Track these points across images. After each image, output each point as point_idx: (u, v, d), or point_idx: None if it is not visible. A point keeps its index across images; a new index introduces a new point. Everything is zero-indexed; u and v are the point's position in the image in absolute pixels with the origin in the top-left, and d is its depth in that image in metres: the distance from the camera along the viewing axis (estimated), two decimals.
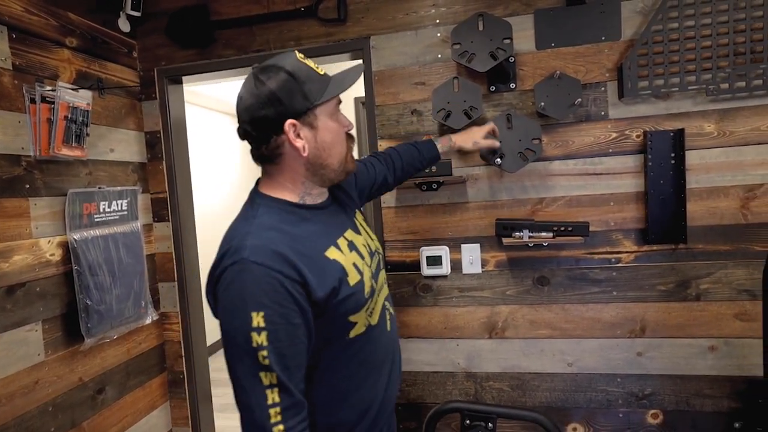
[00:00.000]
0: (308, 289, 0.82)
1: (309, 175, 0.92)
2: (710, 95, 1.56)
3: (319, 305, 0.84)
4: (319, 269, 0.85)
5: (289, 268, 0.81)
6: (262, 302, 0.79)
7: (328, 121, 0.90)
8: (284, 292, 0.80)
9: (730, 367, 1.61)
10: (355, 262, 0.93)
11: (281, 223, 0.88)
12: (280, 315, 0.80)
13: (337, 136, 0.92)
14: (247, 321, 0.78)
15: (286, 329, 0.80)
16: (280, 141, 0.88)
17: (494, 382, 1.78)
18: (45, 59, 1.56)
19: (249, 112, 0.87)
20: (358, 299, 0.90)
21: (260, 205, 0.91)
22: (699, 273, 1.62)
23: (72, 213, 1.61)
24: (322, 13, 1.79)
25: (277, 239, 0.84)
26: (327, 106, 0.90)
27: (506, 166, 1.61)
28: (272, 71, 0.86)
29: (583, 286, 1.69)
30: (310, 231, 0.90)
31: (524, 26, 1.67)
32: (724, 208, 1.59)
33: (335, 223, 0.98)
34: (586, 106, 1.65)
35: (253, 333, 0.78)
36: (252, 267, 0.80)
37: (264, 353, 0.78)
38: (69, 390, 1.60)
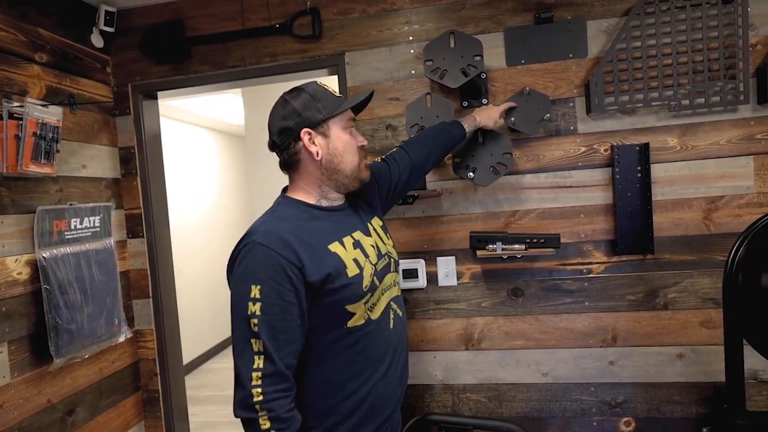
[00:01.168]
0: (304, 272, 0.96)
1: (324, 178, 1.08)
2: (672, 111, 1.62)
3: (314, 288, 0.97)
4: (318, 257, 0.99)
5: (289, 252, 0.95)
6: (261, 277, 0.93)
7: (341, 132, 1.07)
8: (281, 272, 0.94)
9: (698, 373, 1.66)
10: (357, 258, 1.05)
11: (294, 218, 1.04)
12: (276, 291, 0.93)
13: (348, 145, 1.08)
14: (247, 292, 0.93)
15: (279, 305, 0.93)
16: (297, 147, 1.06)
17: (471, 393, 1.79)
18: (13, 75, 1.54)
19: (276, 124, 1.07)
20: (355, 290, 1.01)
21: (280, 203, 1.09)
22: (666, 282, 1.67)
23: (41, 230, 1.58)
24: (296, 29, 1.81)
25: (285, 228, 0.99)
26: (339, 120, 1.07)
27: (478, 179, 1.64)
28: (296, 92, 1.07)
29: (556, 296, 1.73)
30: (319, 227, 1.05)
31: (495, 43, 1.72)
32: (688, 220, 1.65)
33: (346, 223, 1.11)
34: (555, 121, 1.70)
35: (249, 302, 0.93)
36: (257, 248, 0.95)
37: (255, 321, 0.92)
38: (36, 413, 1.56)
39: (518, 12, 1.70)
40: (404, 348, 1.16)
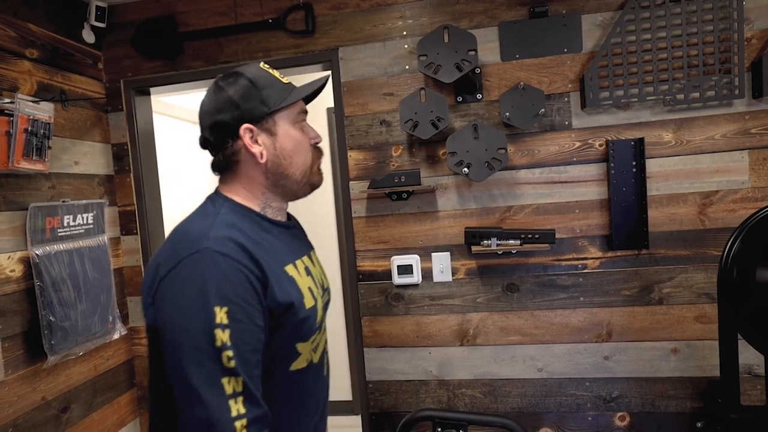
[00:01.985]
0: (268, 292, 0.76)
1: (269, 185, 0.88)
2: (667, 105, 1.61)
3: (275, 316, 0.77)
4: (279, 278, 0.79)
5: (253, 263, 0.75)
6: (227, 296, 0.71)
7: (290, 128, 0.88)
8: (250, 288, 0.73)
9: (692, 368, 1.66)
10: (311, 287, 0.88)
11: (244, 227, 0.82)
12: (246, 314, 0.72)
13: (300, 145, 0.89)
14: (210, 317, 0.70)
15: (251, 331, 0.72)
16: (236, 146, 0.85)
17: (466, 389, 1.79)
18: (3, 71, 1.52)
19: (207, 117, 0.86)
20: (311, 325, 0.84)
21: (223, 205, 0.85)
22: (661, 277, 1.66)
23: (33, 227, 1.57)
24: (290, 25, 1.80)
25: (240, 236, 0.78)
26: (288, 113, 0.87)
27: (473, 175, 1.63)
28: (232, 78, 0.86)
29: (551, 292, 1.73)
30: (271, 243, 0.85)
31: (489, 38, 1.71)
32: (683, 215, 1.64)
33: (294, 245, 0.93)
34: (550, 116, 1.69)
35: (217, 330, 0.69)
36: (216, 257, 0.73)
37: (229, 353, 0.69)
38: (31, 410, 1.55)
39: (512, 6, 1.69)
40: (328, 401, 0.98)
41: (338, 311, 3.00)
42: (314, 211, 2.99)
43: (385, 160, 1.79)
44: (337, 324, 3.00)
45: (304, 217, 3.40)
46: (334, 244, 2.98)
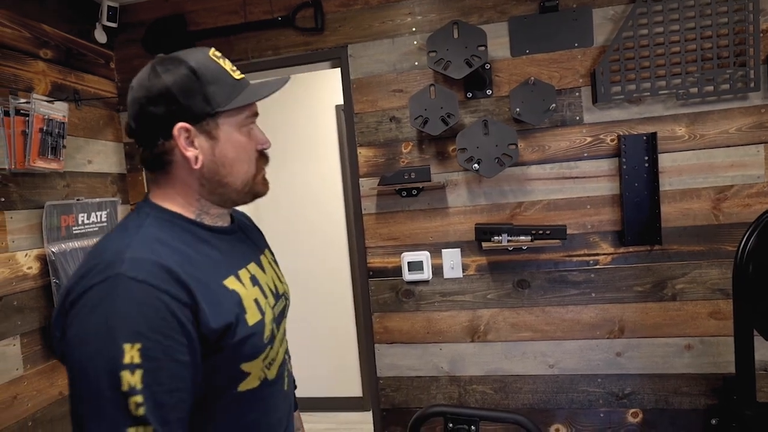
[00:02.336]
0: (200, 318, 0.66)
1: (205, 192, 0.77)
2: (680, 99, 1.59)
3: (210, 342, 0.68)
4: (214, 298, 0.70)
5: (178, 288, 0.65)
6: (139, 331, 0.61)
7: (235, 133, 0.76)
8: (171, 319, 0.63)
9: (706, 365, 1.64)
10: (258, 299, 0.78)
11: (173, 239, 0.72)
12: (164, 349, 0.62)
13: (244, 152, 0.77)
14: (117, 356, 0.59)
15: (169, 369, 0.62)
16: (167, 147, 0.73)
17: (477, 385, 1.80)
18: (19, 71, 1.55)
19: (135, 105, 0.73)
20: (256, 344, 0.74)
21: (149, 215, 0.74)
22: (674, 273, 1.65)
23: (49, 225, 1.60)
24: (299, 22, 1.80)
25: (165, 254, 0.68)
26: (236, 116, 0.75)
27: (483, 171, 1.63)
28: (172, 64, 0.72)
29: (562, 288, 1.72)
30: (208, 255, 0.75)
31: (499, 33, 1.70)
32: (696, 210, 1.62)
33: (238, 252, 0.82)
34: (560, 111, 1.68)
35: (124, 372, 0.59)
36: (130, 285, 0.62)
37: (137, 399, 0.59)
38: (49, 404, 1.58)
39: (522, 1, 1.68)
40: (292, 416, 0.91)
41: (348, 308, 3.01)
42: (323, 208, 3.00)
43: (395, 156, 1.79)
44: (347, 320, 3.01)
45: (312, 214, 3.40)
46: (344, 240, 2.99)
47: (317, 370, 3.03)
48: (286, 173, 3.02)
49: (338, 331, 3.02)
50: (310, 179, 3.00)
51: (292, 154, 3.00)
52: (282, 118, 3.00)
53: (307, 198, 3.01)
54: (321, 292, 3.02)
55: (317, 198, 3.00)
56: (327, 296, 3.02)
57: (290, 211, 3.04)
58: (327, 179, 2.98)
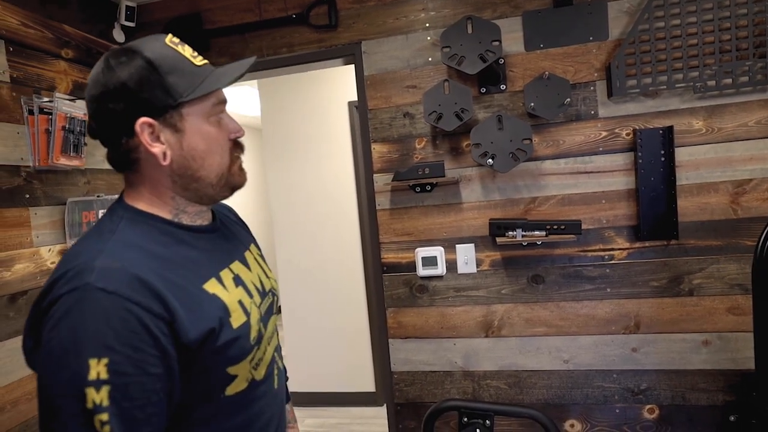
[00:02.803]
0: (176, 329, 0.63)
1: (178, 189, 0.72)
2: (698, 92, 1.58)
3: (190, 351, 0.64)
4: (193, 304, 0.66)
5: (151, 298, 0.61)
6: (108, 344, 0.58)
7: (203, 124, 0.71)
8: (142, 331, 0.60)
9: (724, 361, 1.63)
10: (242, 300, 0.74)
11: (149, 243, 0.68)
12: (134, 363, 0.59)
13: (215, 143, 0.72)
14: (82, 372, 0.56)
15: (140, 383, 0.59)
16: (132, 144, 0.69)
17: (492, 380, 1.80)
18: (42, 71, 1.59)
19: (93, 104, 0.69)
20: (243, 346, 0.71)
21: (123, 218, 0.70)
22: (691, 268, 1.63)
23: (71, 221, 1.64)
24: (313, 19, 1.82)
25: (139, 261, 0.64)
26: (201, 105, 0.70)
27: (498, 166, 1.63)
28: (126, 56, 0.67)
29: (577, 283, 1.71)
30: (187, 257, 0.71)
31: (513, 28, 1.69)
32: (714, 204, 1.61)
33: (220, 251, 0.78)
34: (575, 105, 1.67)
35: (89, 389, 0.56)
36: (98, 296, 0.59)
37: (103, 418, 0.56)
38: None
39: None
40: (284, 413, 0.87)
41: (360, 303, 3.03)
42: (335, 204, 3.02)
43: (409, 152, 1.80)
44: (360, 316, 3.03)
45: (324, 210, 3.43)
46: (356, 236, 3.00)
47: (330, 365, 3.05)
48: (299, 170, 3.04)
49: (351, 326, 3.04)
50: (323, 176, 3.02)
51: (304, 151, 3.03)
52: (295, 116, 3.03)
53: (320, 194, 3.03)
54: (333, 288, 3.04)
55: (330, 194, 3.02)
56: (339, 292, 3.04)
57: (303, 207, 3.06)
58: (339, 176, 3.00)
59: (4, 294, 1.41)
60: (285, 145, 3.04)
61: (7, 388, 1.39)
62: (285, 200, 3.09)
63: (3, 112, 1.45)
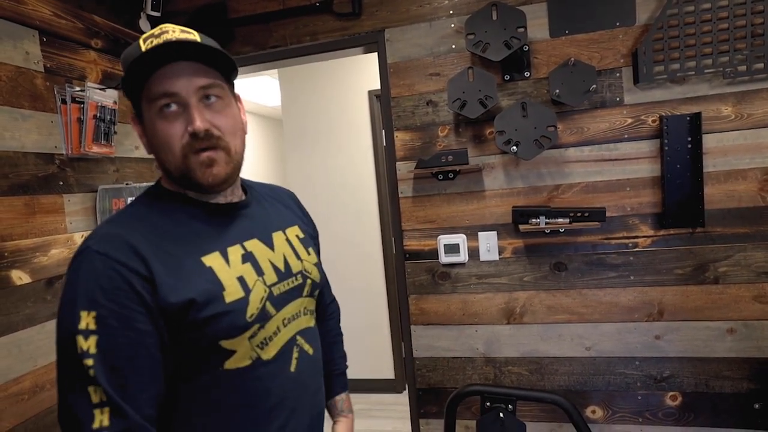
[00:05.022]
0: (156, 289, 0.67)
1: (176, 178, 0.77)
2: (727, 78, 1.55)
3: (171, 315, 0.68)
4: (181, 272, 0.70)
5: (136, 260, 0.67)
6: (95, 299, 0.65)
7: (154, 117, 0.73)
8: (128, 289, 0.66)
9: (750, 349, 1.62)
10: (243, 276, 0.76)
11: (158, 217, 0.75)
12: (118, 317, 0.65)
13: (164, 137, 0.72)
14: (74, 321, 0.64)
15: (125, 336, 0.65)
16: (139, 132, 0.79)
17: (513, 366, 1.82)
18: (73, 61, 1.62)
19: None
20: (234, 321, 0.72)
21: (148, 194, 0.79)
22: (717, 256, 1.62)
23: (102, 208, 1.68)
24: (336, 7, 1.82)
25: (136, 230, 0.71)
26: (145, 97, 0.73)
27: (522, 153, 1.63)
28: None
29: (600, 271, 1.71)
30: (194, 231, 0.75)
31: (538, 14, 1.68)
32: (742, 191, 1.59)
33: (238, 227, 0.81)
34: (600, 92, 1.66)
35: (78, 336, 0.64)
36: (93, 257, 0.66)
37: (89, 362, 0.63)
38: None
39: None
40: (314, 400, 0.86)
41: (380, 291, 3.06)
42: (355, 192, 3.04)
43: (432, 140, 1.81)
44: (380, 303, 3.06)
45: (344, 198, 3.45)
46: (376, 224, 3.03)
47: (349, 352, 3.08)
48: (319, 160, 3.06)
49: (370, 313, 3.08)
50: (343, 165, 3.04)
51: (325, 141, 3.05)
52: (315, 106, 3.04)
53: (340, 184, 3.05)
54: (353, 276, 3.08)
55: (350, 183, 3.04)
56: (359, 280, 3.07)
57: (323, 196, 3.09)
58: (359, 165, 3.02)
59: (42, 278, 1.46)
60: (305, 135, 3.06)
61: (47, 368, 1.45)
62: (305, 189, 3.11)
63: (38, 101, 1.48)
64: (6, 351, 1.34)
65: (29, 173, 1.44)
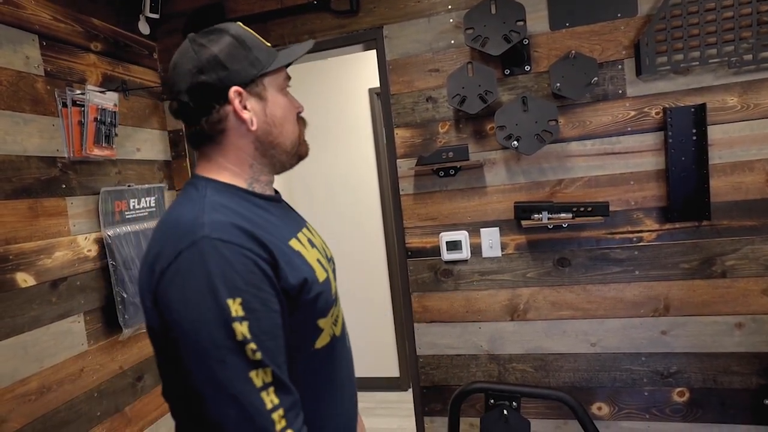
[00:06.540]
0: (279, 274, 0.70)
1: (258, 156, 0.80)
2: (733, 68, 1.52)
3: (291, 298, 0.72)
4: (286, 256, 0.73)
5: (258, 246, 0.69)
6: (237, 286, 0.65)
7: (278, 95, 0.81)
8: (260, 272, 0.68)
9: (759, 343, 1.59)
10: (319, 259, 0.82)
11: (236, 206, 0.75)
12: (261, 301, 0.67)
13: (289, 112, 0.83)
14: (225, 311, 0.64)
15: (269, 318, 0.68)
16: (224, 112, 0.76)
17: (517, 363, 1.80)
18: (73, 64, 1.63)
19: (186, 79, 0.75)
20: (327, 299, 0.79)
21: (206, 186, 0.76)
22: (724, 250, 1.60)
23: (105, 210, 1.69)
24: (334, 5, 1.82)
25: (236, 217, 0.71)
26: (276, 78, 0.81)
27: (523, 148, 1.61)
28: (215, 34, 0.77)
29: (604, 266, 1.69)
30: (268, 219, 0.77)
31: (537, 7, 1.66)
32: (749, 183, 1.56)
33: (289, 218, 0.86)
34: (602, 85, 1.64)
35: (235, 323, 0.64)
36: (217, 245, 0.66)
37: (253, 346, 0.65)
38: (111, 377, 1.69)
39: None
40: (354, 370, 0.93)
41: (384, 288, 3.06)
42: (357, 190, 3.03)
43: (432, 137, 1.79)
44: (383, 301, 3.06)
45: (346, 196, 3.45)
46: (378, 222, 3.02)
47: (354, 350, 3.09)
48: (321, 157, 3.06)
49: (374, 312, 3.08)
50: (345, 163, 3.03)
51: (326, 138, 3.04)
52: (316, 103, 3.04)
53: (342, 181, 3.05)
54: (356, 274, 3.08)
55: (351, 181, 3.03)
56: (362, 277, 3.07)
57: (325, 194, 3.09)
58: (361, 163, 3.01)
59: (47, 280, 1.48)
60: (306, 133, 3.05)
61: (52, 369, 1.46)
62: (307, 188, 3.12)
63: (39, 105, 1.50)
64: (12, 353, 1.35)
65: (32, 177, 1.46)
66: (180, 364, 0.67)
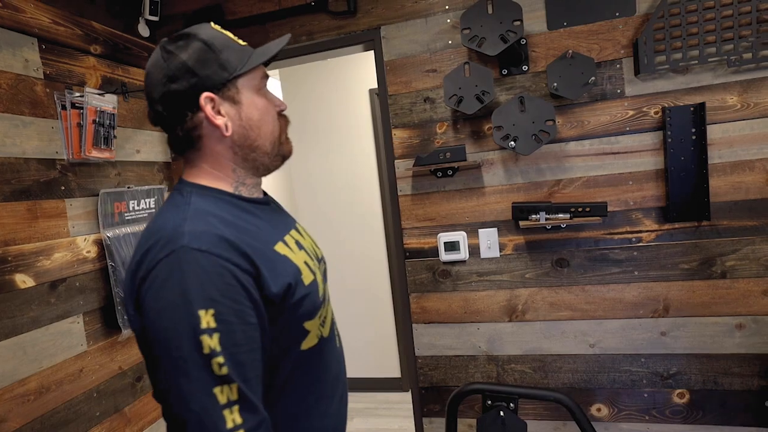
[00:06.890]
0: (261, 283, 0.70)
1: (238, 160, 0.79)
2: (732, 66, 1.51)
3: (275, 304, 0.72)
4: (270, 262, 0.73)
5: (239, 256, 0.68)
6: (211, 297, 0.64)
7: (254, 96, 0.79)
8: (237, 284, 0.67)
9: (760, 344, 1.58)
10: (306, 262, 0.82)
11: (221, 211, 0.74)
12: (235, 313, 0.66)
13: (266, 113, 0.80)
14: (194, 322, 0.63)
15: (243, 330, 0.66)
16: (197, 119, 0.75)
17: (516, 364, 1.80)
18: (72, 67, 1.64)
19: (158, 88, 0.75)
20: (314, 301, 0.79)
21: (192, 192, 0.76)
22: (724, 250, 1.58)
23: (104, 212, 1.70)
24: (332, 6, 1.82)
25: (219, 225, 0.71)
26: (250, 78, 0.79)
27: (520, 149, 1.60)
28: (183, 40, 0.75)
29: (603, 266, 1.68)
30: (254, 223, 0.77)
31: (535, 7, 1.65)
32: (749, 183, 1.55)
33: (278, 220, 0.85)
34: (600, 84, 1.63)
35: (203, 336, 0.63)
36: (195, 255, 0.66)
37: (219, 360, 0.63)
38: (110, 377, 1.70)
39: None
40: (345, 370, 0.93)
41: (385, 288, 3.06)
42: (357, 191, 3.04)
43: (430, 137, 1.79)
44: (384, 302, 3.06)
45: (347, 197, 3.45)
46: (379, 222, 3.02)
47: (355, 351, 3.10)
48: (323, 158, 3.07)
49: (375, 312, 3.07)
50: (345, 164, 3.04)
51: (327, 139, 3.05)
52: (316, 105, 3.04)
53: (342, 182, 3.05)
54: (357, 274, 3.08)
55: (352, 182, 3.04)
56: (363, 278, 3.07)
57: (325, 195, 3.09)
58: (362, 163, 3.01)
59: (46, 281, 1.49)
60: (307, 134, 3.06)
61: (51, 369, 1.47)
62: (307, 188, 3.12)
63: (38, 108, 1.51)
64: (11, 353, 1.36)
65: (31, 179, 1.47)
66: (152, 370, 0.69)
